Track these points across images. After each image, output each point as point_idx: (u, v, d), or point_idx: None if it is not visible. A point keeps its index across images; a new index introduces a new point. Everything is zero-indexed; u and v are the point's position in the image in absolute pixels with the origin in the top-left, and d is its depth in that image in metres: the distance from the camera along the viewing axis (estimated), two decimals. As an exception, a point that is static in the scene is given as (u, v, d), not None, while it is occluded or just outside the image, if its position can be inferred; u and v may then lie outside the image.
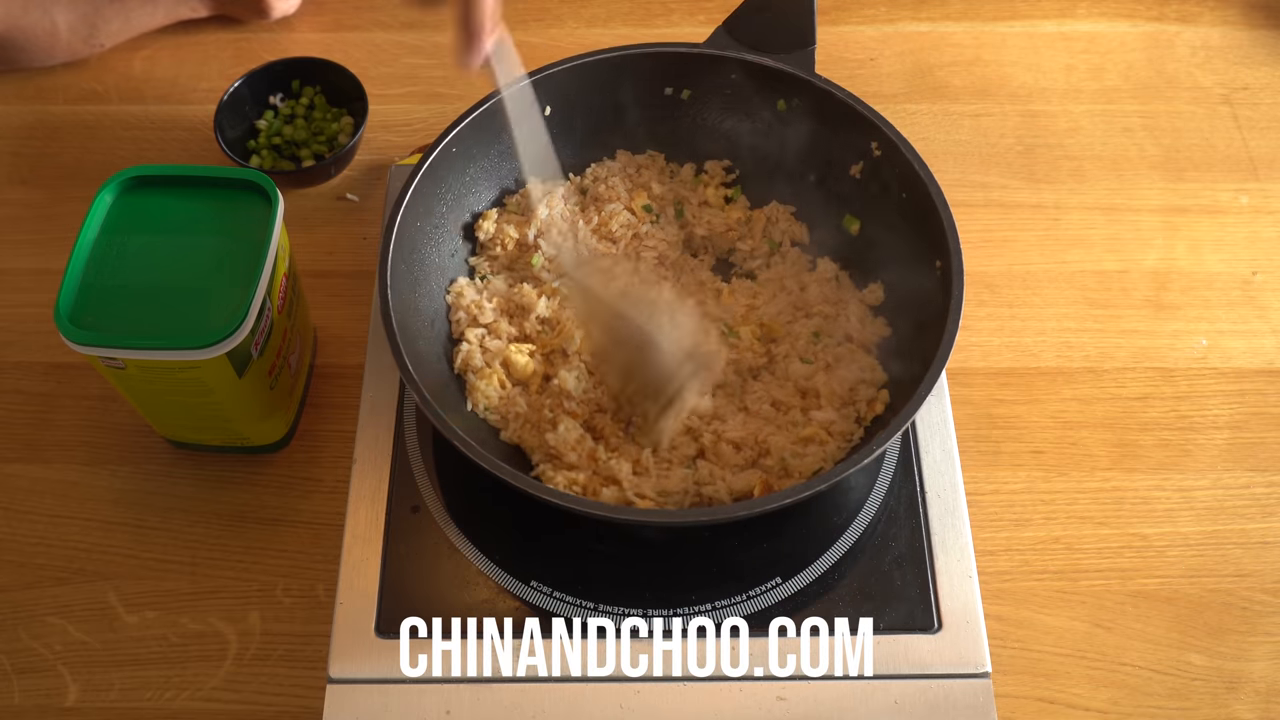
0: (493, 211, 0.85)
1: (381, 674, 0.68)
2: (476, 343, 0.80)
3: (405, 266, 0.76)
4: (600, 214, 0.85)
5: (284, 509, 0.81)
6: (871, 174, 0.80)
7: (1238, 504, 0.81)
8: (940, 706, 0.67)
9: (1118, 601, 0.77)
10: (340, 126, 0.99)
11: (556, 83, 0.81)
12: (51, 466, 0.83)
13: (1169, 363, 0.88)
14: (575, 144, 0.86)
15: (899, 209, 0.77)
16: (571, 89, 0.82)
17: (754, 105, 0.83)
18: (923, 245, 0.75)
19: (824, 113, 0.80)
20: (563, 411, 0.76)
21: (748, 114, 0.84)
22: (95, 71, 1.05)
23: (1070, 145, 1.01)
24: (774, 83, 0.81)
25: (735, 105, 0.84)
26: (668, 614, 0.70)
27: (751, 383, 0.79)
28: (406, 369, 0.69)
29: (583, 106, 0.84)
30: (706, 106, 0.85)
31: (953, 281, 0.70)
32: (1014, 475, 0.83)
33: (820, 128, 0.81)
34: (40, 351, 0.88)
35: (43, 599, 0.78)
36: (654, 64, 0.83)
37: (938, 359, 0.67)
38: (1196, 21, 1.10)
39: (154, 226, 0.73)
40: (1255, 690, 0.74)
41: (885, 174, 0.78)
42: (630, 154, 0.88)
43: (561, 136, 0.80)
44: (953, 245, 0.71)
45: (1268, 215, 0.96)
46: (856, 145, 0.79)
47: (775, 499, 0.64)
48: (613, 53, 0.82)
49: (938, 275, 0.72)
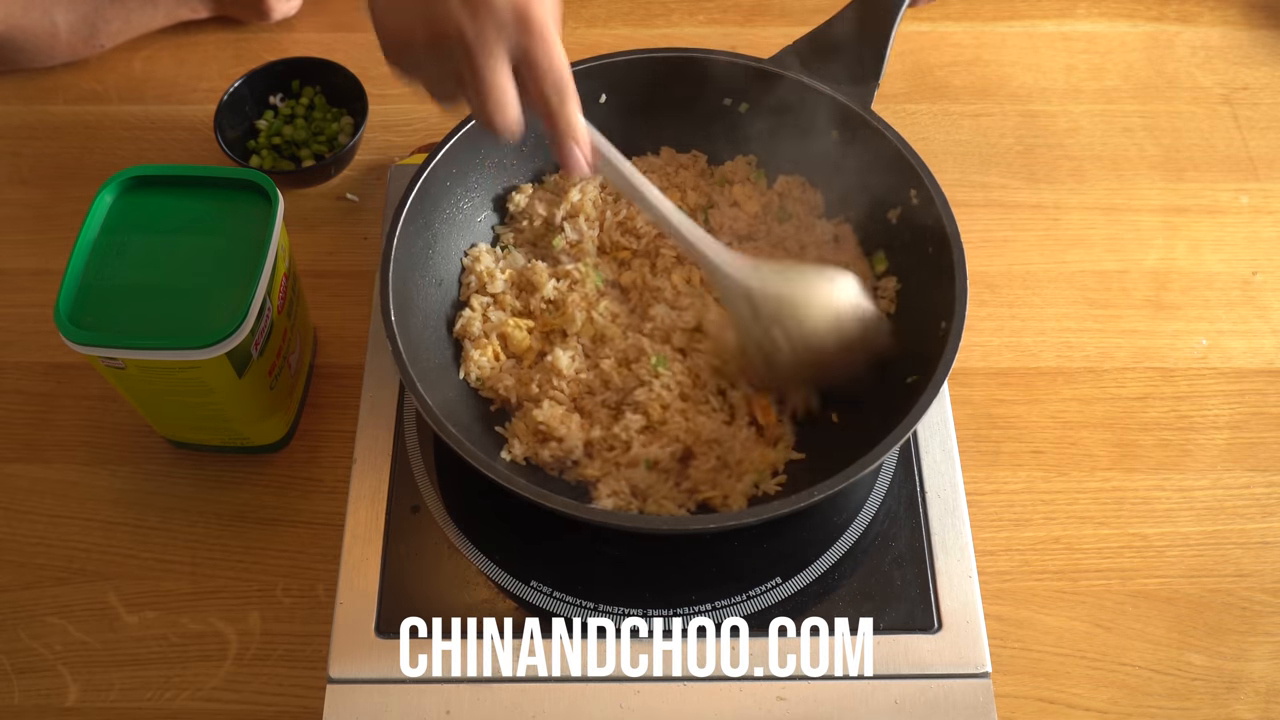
0: (529, 186, 0.86)
1: (381, 674, 0.68)
2: (480, 310, 0.80)
3: (424, 221, 0.77)
4: (629, 208, 0.85)
5: (284, 509, 0.81)
6: (906, 221, 0.79)
7: (1238, 504, 0.82)
8: (940, 706, 0.67)
9: (1118, 601, 0.77)
10: (340, 126, 0.99)
11: (618, 72, 0.81)
12: (51, 466, 0.83)
13: (1169, 363, 0.88)
14: (621, 134, 0.85)
15: (923, 262, 0.77)
16: (630, 81, 0.82)
17: (808, 133, 0.83)
18: (934, 300, 0.74)
19: (873, 152, 0.79)
20: (550, 387, 0.77)
21: (800, 139, 0.83)
22: (95, 71, 1.05)
23: (1070, 145, 1.01)
24: (831, 113, 0.81)
25: (789, 128, 0.83)
26: (668, 614, 0.70)
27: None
28: (407, 373, 0.69)
29: (639, 100, 0.84)
30: (760, 122, 0.85)
31: (947, 343, 0.69)
32: (1014, 475, 0.83)
33: (867, 166, 0.80)
34: (40, 351, 0.88)
35: (43, 599, 0.78)
36: (721, 70, 0.83)
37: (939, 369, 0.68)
38: (1196, 21, 1.10)
39: (154, 226, 0.73)
40: (1255, 690, 0.74)
41: (918, 224, 0.77)
42: (674, 152, 0.88)
43: (610, 124, 0.80)
44: (958, 309, 0.71)
45: (1268, 215, 0.96)
46: (898, 190, 0.79)
47: (774, 508, 0.64)
48: (677, 52, 0.82)
49: (940, 335, 0.72)
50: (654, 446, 0.74)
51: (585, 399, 0.77)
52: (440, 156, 0.78)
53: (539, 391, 0.77)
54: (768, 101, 0.83)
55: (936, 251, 0.75)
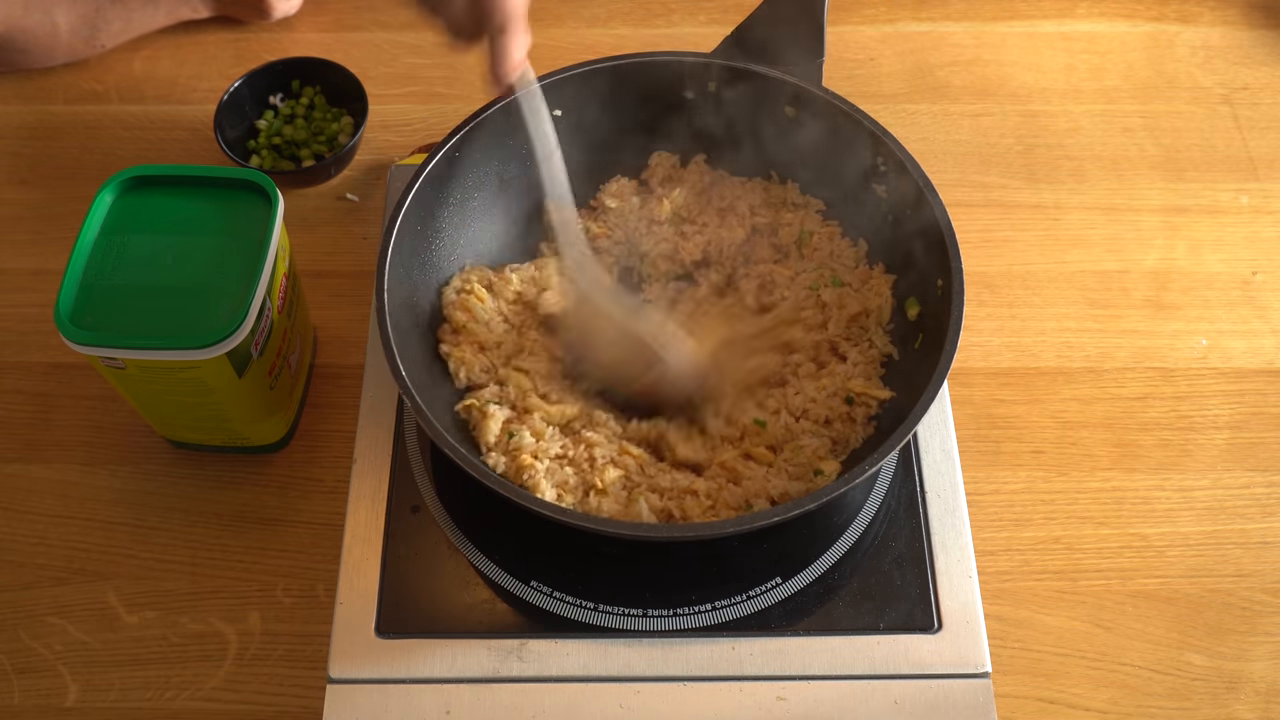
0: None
1: (381, 674, 0.68)
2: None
3: (426, 215, 0.78)
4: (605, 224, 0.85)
5: (284, 509, 0.81)
6: (879, 191, 0.79)
7: (1238, 504, 0.82)
8: (940, 706, 0.67)
9: (1118, 601, 0.78)
10: (340, 126, 0.99)
11: (561, 89, 0.81)
12: (51, 466, 0.83)
13: (1169, 363, 0.88)
14: (583, 148, 0.85)
15: (905, 227, 0.77)
16: (578, 95, 0.82)
17: (760, 117, 0.82)
18: (926, 264, 0.74)
19: (831, 126, 0.79)
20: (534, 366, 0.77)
21: (752, 125, 0.83)
22: (95, 71, 1.05)
23: (1070, 145, 1.01)
24: (779, 94, 0.80)
25: (744, 115, 0.83)
26: (668, 614, 0.70)
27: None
28: (401, 376, 0.69)
29: (590, 114, 0.83)
30: (710, 113, 0.84)
31: (953, 300, 0.70)
32: (1014, 475, 0.83)
33: (828, 141, 0.80)
34: (40, 351, 0.88)
35: (43, 599, 0.78)
36: (662, 73, 0.82)
37: (937, 374, 0.67)
38: (1196, 21, 1.10)
39: (154, 226, 0.73)
40: (1255, 690, 0.74)
41: (891, 189, 0.77)
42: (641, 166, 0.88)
43: (570, 140, 0.80)
44: (954, 263, 0.71)
45: (1268, 215, 0.96)
46: (865, 159, 0.78)
47: (774, 513, 0.64)
48: (613, 61, 0.81)
49: (938, 294, 0.72)
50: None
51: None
52: (440, 155, 0.77)
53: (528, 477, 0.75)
54: (715, 93, 0.82)
55: (914, 211, 0.75)
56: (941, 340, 0.69)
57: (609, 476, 0.72)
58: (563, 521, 0.65)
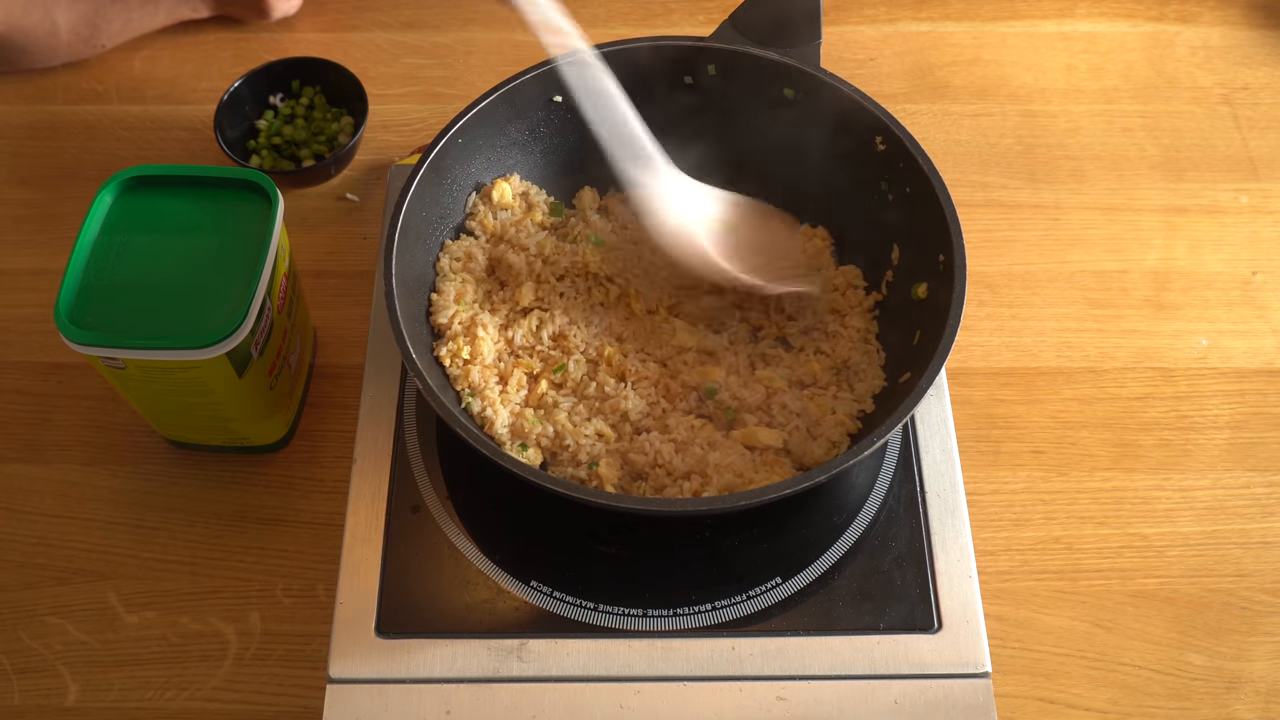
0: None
1: (381, 674, 0.68)
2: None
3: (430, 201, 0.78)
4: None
5: (284, 509, 0.81)
6: (878, 171, 0.79)
7: (1238, 504, 0.82)
8: (940, 706, 0.67)
9: (1118, 601, 0.78)
10: (340, 126, 0.99)
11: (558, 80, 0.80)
12: (51, 466, 0.83)
13: (1169, 363, 0.88)
14: (583, 142, 0.84)
15: (905, 205, 0.77)
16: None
17: (755, 102, 0.82)
18: (928, 243, 0.74)
19: (829, 109, 0.79)
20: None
21: (746, 109, 0.83)
22: (95, 71, 1.05)
23: (1070, 145, 1.01)
24: (780, 77, 0.80)
25: (745, 99, 0.83)
26: (668, 614, 0.70)
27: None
28: (410, 356, 0.69)
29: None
30: (717, 98, 0.84)
31: (955, 276, 0.70)
32: (1014, 475, 0.83)
33: (827, 124, 0.80)
34: (40, 351, 0.88)
35: (43, 599, 0.78)
36: (663, 56, 0.82)
37: (939, 352, 0.67)
38: (1196, 21, 1.10)
39: (154, 226, 0.73)
40: (1255, 690, 0.74)
41: (891, 170, 0.78)
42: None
43: (569, 132, 0.79)
44: (955, 240, 0.71)
45: (1268, 215, 0.96)
46: (863, 142, 0.79)
47: (780, 488, 0.64)
48: (614, 46, 0.81)
49: (940, 271, 0.72)
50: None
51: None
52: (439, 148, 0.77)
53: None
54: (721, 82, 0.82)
55: (914, 189, 0.75)
56: (943, 321, 0.69)
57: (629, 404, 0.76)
58: (552, 489, 0.64)
